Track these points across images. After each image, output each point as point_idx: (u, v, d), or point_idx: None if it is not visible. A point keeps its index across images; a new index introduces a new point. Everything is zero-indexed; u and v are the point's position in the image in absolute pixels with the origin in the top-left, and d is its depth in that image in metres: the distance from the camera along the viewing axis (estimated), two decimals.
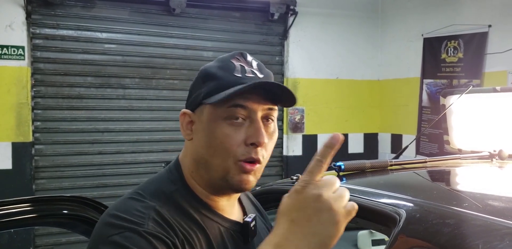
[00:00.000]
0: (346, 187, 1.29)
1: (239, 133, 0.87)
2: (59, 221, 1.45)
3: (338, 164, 1.43)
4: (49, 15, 4.05)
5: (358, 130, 5.27)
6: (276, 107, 0.92)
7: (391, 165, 1.46)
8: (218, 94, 0.87)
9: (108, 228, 0.82)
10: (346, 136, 5.21)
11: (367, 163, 1.44)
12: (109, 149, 4.32)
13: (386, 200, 1.06)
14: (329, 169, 1.48)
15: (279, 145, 4.96)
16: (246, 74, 0.90)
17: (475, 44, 4.15)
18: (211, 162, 0.89)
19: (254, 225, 1.00)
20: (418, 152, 4.65)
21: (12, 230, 3.95)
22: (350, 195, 1.18)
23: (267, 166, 1.41)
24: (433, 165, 1.47)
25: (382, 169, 1.46)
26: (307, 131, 5.00)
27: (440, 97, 1.77)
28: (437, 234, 0.83)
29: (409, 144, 1.70)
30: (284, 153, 4.97)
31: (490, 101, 1.66)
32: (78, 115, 4.22)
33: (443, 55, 4.44)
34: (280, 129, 4.97)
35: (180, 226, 0.85)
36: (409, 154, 4.60)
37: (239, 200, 1.05)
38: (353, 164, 1.44)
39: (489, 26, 4.01)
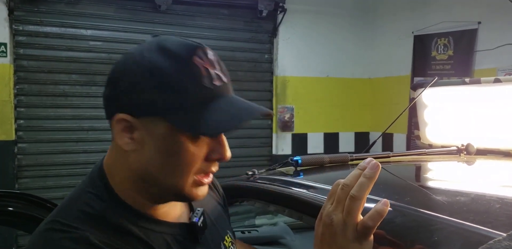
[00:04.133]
0: (296, 182, 1.23)
1: (201, 149, 0.76)
2: (2, 219, 1.39)
3: (295, 158, 1.37)
4: (32, 12, 4.00)
5: (349, 129, 5.20)
6: None
7: (352, 160, 1.39)
8: (188, 119, 0.72)
9: None
10: (336, 134, 5.15)
11: (326, 157, 1.38)
12: (94, 147, 4.26)
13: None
14: (286, 164, 1.42)
15: (267, 143, 4.90)
16: (214, 82, 0.74)
17: (465, 41, 4.08)
18: (164, 180, 0.77)
19: (203, 221, 0.92)
20: (408, 150, 4.58)
21: None
22: (298, 191, 1.13)
23: (255, 166, 1.36)
24: (396, 160, 1.40)
25: (343, 164, 1.39)
26: (297, 129, 4.93)
27: (410, 90, 1.71)
28: None
29: (376, 139, 1.64)
30: (273, 152, 4.90)
31: (460, 93, 1.60)
32: (62, 113, 4.16)
33: (434, 53, 4.37)
34: (269, 128, 4.91)
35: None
36: None
37: None
38: (311, 159, 1.37)
39: (479, 23, 3.95)
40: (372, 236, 0.70)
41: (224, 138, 0.78)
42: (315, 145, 5.02)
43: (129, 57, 0.77)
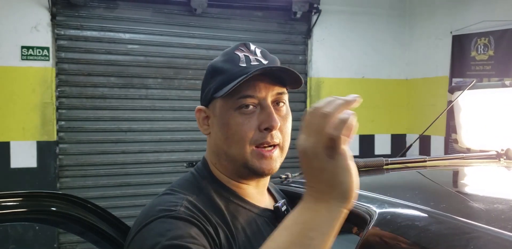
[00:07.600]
0: None
1: (251, 120, 0.89)
2: (46, 218, 1.44)
3: None
4: (73, 17, 4.13)
5: (385, 131, 5.12)
6: (285, 91, 0.94)
7: (387, 164, 1.37)
8: (226, 86, 0.89)
9: (142, 219, 0.85)
10: (372, 136, 5.08)
11: (361, 161, 1.37)
12: (132, 148, 4.36)
13: (364, 200, 0.99)
14: None
15: None
16: (251, 63, 0.92)
17: (506, 41, 3.96)
18: (230, 152, 0.91)
19: (286, 210, 1.01)
20: (446, 153, 4.47)
21: (36, 227, 4.06)
22: None
23: (289, 167, 1.36)
24: (432, 165, 1.38)
25: (377, 169, 1.38)
26: None
27: (447, 93, 1.67)
28: (401, 237, 0.77)
29: (413, 142, 1.61)
30: None
31: (500, 96, 1.55)
32: (101, 115, 4.28)
33: (473, 53, 4.26)
34: None
35: (214, 216, 0.86)
36: None
37: (269, 190, 1.06)
38: None
39: None
40: (344, 148, 0.62)
41: (272, 110, 0.90)
42: (350, 147, 4.91)
43: None
